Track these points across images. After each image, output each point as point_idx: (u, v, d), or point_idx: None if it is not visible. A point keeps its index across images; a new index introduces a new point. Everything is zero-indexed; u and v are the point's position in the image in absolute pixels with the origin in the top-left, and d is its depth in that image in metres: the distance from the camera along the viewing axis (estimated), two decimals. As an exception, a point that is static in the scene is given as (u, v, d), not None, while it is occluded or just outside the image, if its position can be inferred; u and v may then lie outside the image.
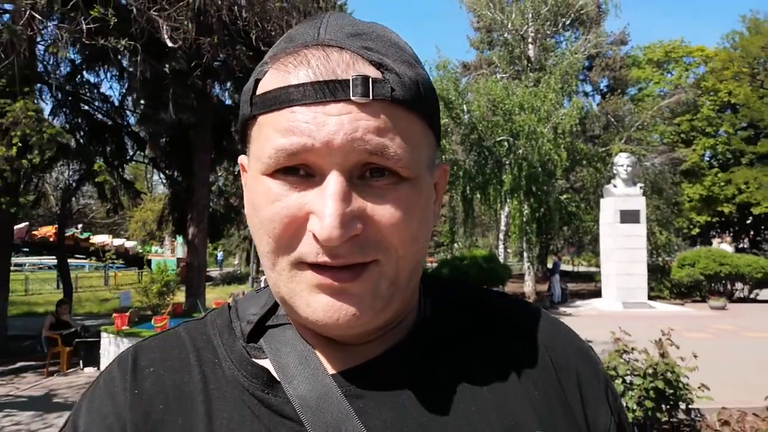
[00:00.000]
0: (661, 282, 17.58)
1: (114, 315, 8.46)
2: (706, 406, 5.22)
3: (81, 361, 8.76)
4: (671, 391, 4.77)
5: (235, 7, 7.68)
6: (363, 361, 0.53)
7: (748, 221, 35.51)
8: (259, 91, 0.48)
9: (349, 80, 0.44)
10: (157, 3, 5.61)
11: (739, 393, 6.39)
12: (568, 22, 21.48)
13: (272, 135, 0.46)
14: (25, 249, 20.62)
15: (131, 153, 14.11)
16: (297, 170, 0.46)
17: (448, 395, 0.52)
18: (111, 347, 8.23)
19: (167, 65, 6.95)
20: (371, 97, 0.44)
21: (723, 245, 21.48)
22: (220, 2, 7.12)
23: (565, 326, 0.62)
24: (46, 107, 10.23)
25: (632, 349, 5.11)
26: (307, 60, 0.46)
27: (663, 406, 4.80)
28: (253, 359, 0.53)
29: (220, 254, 40.97)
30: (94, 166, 8.44)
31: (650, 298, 16.27)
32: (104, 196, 9.51)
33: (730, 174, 29.58)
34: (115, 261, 30.69)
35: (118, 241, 27.52)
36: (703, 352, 5.55)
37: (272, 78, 0.48)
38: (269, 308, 0.57)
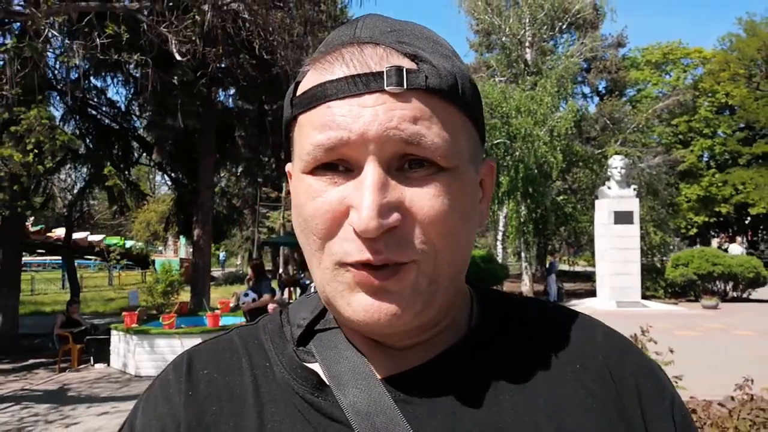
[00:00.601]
0: (656, 282, 17.90)
1: (124, 313, 8.83)
2: (684, 399, 5.58)
3: (92, 358, 9.13)
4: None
5: (239, 19, 8.03)
6: (412, 367, 0.53)
7: (746, 221, 35.81)
8: (298, 93, 0.50)
9: (383, 72, 0.45)
10: (167, 19, 5.95)
11: (718, 387, 6.74)
12: (564, 26, 21.80)
13: (310, 132, 0.47)
14: (41, 250, 20.98)
15: (137, 156, 14.51)
16: (336, 166, 0.47)
17: (499, 403, 0.51)
18: (121, 344, 8.60)
19: (175, 76, 7.31)
20: (405, 87, 0.45)
21: (734, 246, 21.70)
22: (224, 15, 7.46)
23: (627, 340, 0.60)
24: (56, 113, 10.60)
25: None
26: (342, 56, 0.46)
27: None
28: (304, 363, 0.54)
29: (222, 255, 41.34)
30: (104, 171, 8.80)
31: (645, 297, 16.60)
32: (114, 199, 9.87)
33: (727, 175, 29.86)
34: (120, 261, 31.13)
35: (95, 238, 27.78)
36: (691, 349, 5.87)
37: (310, 78, 0.49)
38: (319, 312, 0.57)
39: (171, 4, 6.02)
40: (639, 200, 17.48)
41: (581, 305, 15.83)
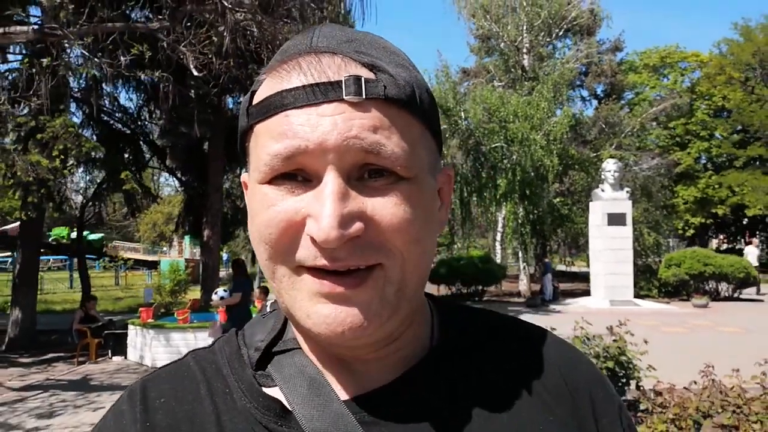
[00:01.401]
0: (650, 281, 18.42)
1: (140, 309, 9.39)
2: (659, 387, 6.10)
3: (110, 351, 9.70)
4: (622, 372, 5.66)
5: (248, 32, 8.59)
6: (376, 387, 0.52)
7: (744, 222, 36.27)
8: (254, 101, 0.48)
9: (341, 81, 0.44)
10: (185, 38, 6.49)
11: (695, 376, 7.26)
12: (561, 33, 22.36)
13: (267, 142, 0.46)
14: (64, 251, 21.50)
15: (147, 159, 15.08)
16: (294, 176, 0.46)
17: (464, 424, 0.51)
18: (138, 338, 9.16)
19: (192, 90, 7.87)
20: (364, 96, 0.44)
21: (750, 248, 22.08)
22: (234, 29, 8.01)
23: (577, 350, 0.62)
24: (75, 120, 11.17)
25: (593, 336, 5.99)
26: (299, 65, 0.46)
27: (616, 384, 5.67)
28: (264, 388, 0.53)
29: (225, 255, 41.91)
30: (122, 175, 9.36)
31: (640, 296, 17.13)
32: (130, 202, 10.44)
33: (722, 177, 30.34)
34: (128, 261, 31.71)
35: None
36: (675, 344, 6.36)
37: (267, 87, 0.47)
38: (276, 333, 0.56)
39: (189, 24, 6.56)
40: (633, 202, 18.02)
41: (575, 304, 16.36)
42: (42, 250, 13.03)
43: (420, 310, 0.56)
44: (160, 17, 7.21)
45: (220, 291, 7.93)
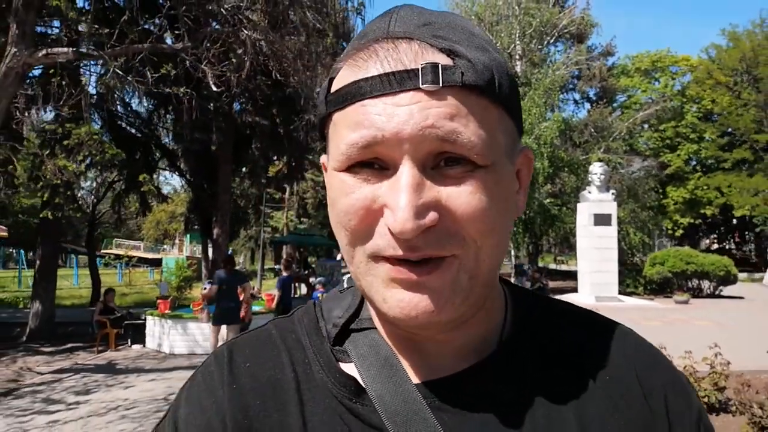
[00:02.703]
0: (636, 279, 19.28)
1: (158, 301, 10.19)
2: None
3: (129, 339, 10.50)
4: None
5: (259, 48, 9.39)
6: (449, 374, 0.53)
7: (734, 222, 37.21)
8: (332, 90, 0.49)
9: (418, 69, 0.44)
10: (206, 57, 7.27)
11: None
12: (552, 40, 23.22)
13: (344, 131, 0.46)
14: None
15: (156, 161, 15.85)
16: (371, 164, 0.46)
17: (530, 417, 0.52)
18: (156, 327, 9.96)
19: (211, 103, 8.65)
20: (441, 84, 0.43)
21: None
22: (247, 45, 8.80)
23: (658, 352, 0.59)
24: (95, 126, 11.94)
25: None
26: (376, 53, 0.46)
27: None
28: (340, 363, 0.55)
29: (229, 251, 42.51)
30: (140, 178, 10.15)
31: (626, 293, 17.99)
32: (146, 203, 11.22)
33: (710, 179, 31.22)
34: (132, 259, 32.46)
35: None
36: (649, 334, 7.14)
37: (344, 75, 0.48)
38: (354, 311, 0.58)
39: (208, 45, 7.34)
40: (620, 203, 18.89)
41: (567, 300, 17.21)
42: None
43: (493, 294, 0.56)
44: (178, 34, 8.01)
45: (206, 283, 8.72)
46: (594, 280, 16.71)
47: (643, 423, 0.54)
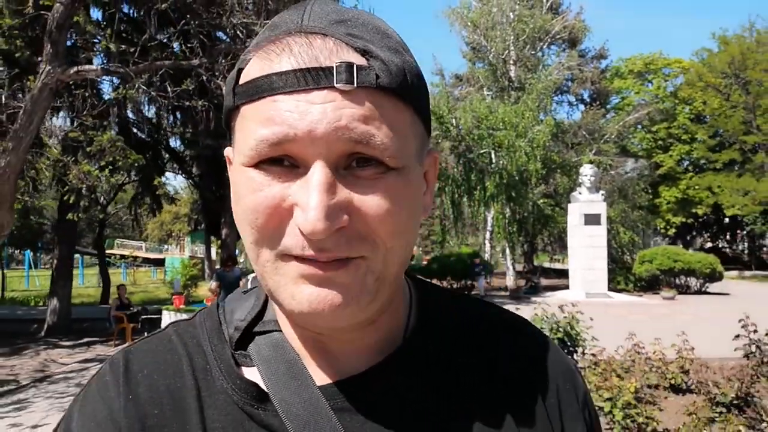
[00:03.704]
0: (627, 276, 20.05)
1: (173, 296, 10.90)
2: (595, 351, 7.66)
3: (146, 333, 11.17)
4: (570, 342, 7.21)
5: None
6: (353, 374, 0.53)
7: (726, 221, 38.02)
8: (241, 81, 0.47)
9: (332, 67, 0.43)
10: (222, 73, 7.98)
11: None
12: (545, 46, 23.99)
13: (254, 125, 0.45)
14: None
15: (164, 164, 16.55)
16: (281, 161, 0.45)
17: (436, 415, 0.53)
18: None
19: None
20: (356, 85, 0.43)
21: None
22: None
23: (548, 339, 0.62)
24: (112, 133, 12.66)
25: (551, 314, 7.53)
26: (289, 47, 0.44)
27: (565, 351, 7.22)
28: (243, 367, 0.54)
29: (236, 250, 43.13)
30: (155, 181, 10.86)
31: (617, 290, 18.78)
32: (160, 205, 11.92)
33: (701, 179, 31.98)
34: (137, 259, 33.16)
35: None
36: (632, 326, 7.86)
37: (255, 67, 0.46)
38: (257, 313, 0.57)
39: (224, 62, 8.05)
40: (611, 203, 19.65)
41: (555, 296, 17.97)
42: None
43: (398, 292, 0.57)
44: (191, 47, 8.73)
45: (213, 281, 9.54)
46: (584, 277, 17.49)
47: (541, 411, 0.56)
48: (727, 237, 41.23)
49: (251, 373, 0.54)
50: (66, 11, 7.35)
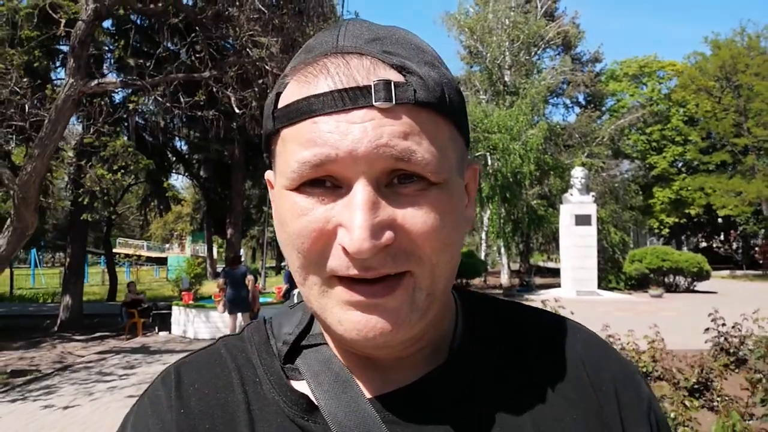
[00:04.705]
0: (618, 275, 20.69)
1: (183, 293, 11.53)
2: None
3: (156, 327, 11.84)
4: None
5: (272, 69, 10.71)
6: (401, 386, 0.53)
7: (719, 222, 38.65)
8: (280, 105, 0.48)
9: (370, 86, 0.44)
10: (230, 85, 8.60)
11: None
12: (540, 51, 24.64)
13: (295, 148, 0.45)
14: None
15: (170, 167, 17.18)
16: (323, 182, 0.45)
17: (485, 424, 0.52)
18: (181, 316, 11.31)
19: (234, 122, 9.97)
20: (394, 102, 0.44)
21: None
22: (262, 71, 10.10)
23: (606, 344, 0.61)
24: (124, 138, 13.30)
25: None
26: (326, 68, 0.45)
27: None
28: (292, 381, 0.54)
29: (241, 250, 43.76)
30: (164, 184, 11.48)
31: (609, 288, 19.41)
32: (168, 206, 12.55)
33: (693, 180, 32.61)
34: (141, 258, 33.78)
35: None
36: (615, 321, 8.48)
37: (293, 90, 0.47)
38: (304, 327, 0.58)
39: (232, 75, 8.67)
40: (603, 204, 20.29)
41: (547, 294, 18.59)
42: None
43: (445, 303, 0.56)
44: (199, 58, 9.37)
45: (220, 278, 10.19)
46: (575, 275, 18.14)
47: (596, 419, 0.54)
48: (721, 237, 41.88)
49: (300, 386, 0.54)
50: (87, 29, 7.99)
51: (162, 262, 38.92)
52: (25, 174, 7.94)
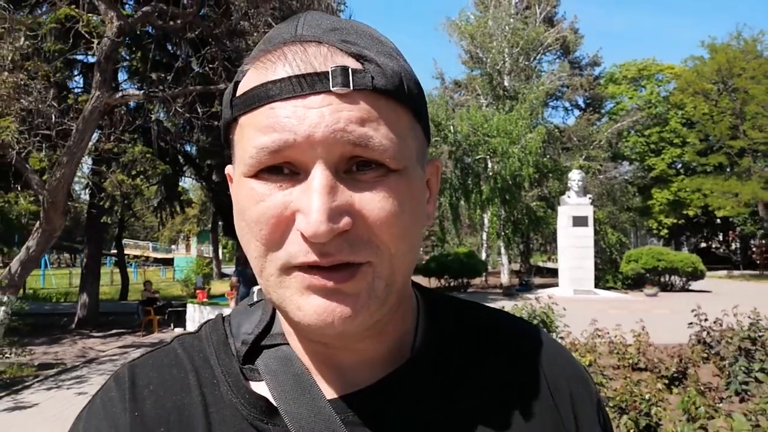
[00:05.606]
0: (615, 275, 21.23)
1: (197, 291, 12.14)
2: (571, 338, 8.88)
3: (172, 323, 12.46)
4: (545, 328, 8.42)
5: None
6: (363, 387, 0.53)
7: (718, 222, 39.11)
8: (238, 93, 0.48)
9: (328, 72, 0.44)
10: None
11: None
12: (539, 56, 25.25)
13: (253, 134, 0.45)
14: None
15: (182, 169, 17.77)
16: (281, 169, 0.45)
17: (446, 426, 0.52)
18: (195, 313, 11.92)
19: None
20: (351, 87, 0.43)
21: None
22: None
23: (560, 346, 0.63)
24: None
25: (530, 304, 8.74)
26: (284, 55, 0.45)
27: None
28: (251, 382, 0.54)
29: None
30: (179, 188, 12.08)
31: (606, 288, 19.95)
32: (182, 209, 13.16)
33: (690, 182, 33.10)
34: (149, 258, 34.46)
35: None
36: (608, 319, 9.07)
37: (251, 77, 0.47)
38: (264, 326, 0.57)
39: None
40: (600, 206, 20.85)
41: (545, 293, 19.15)
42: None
43: (406, 300, 0.56)
44: (212, 68, 9.99)
45: (234, 276, 10.85)
46: (572, 275, 18.72)
47: (552, 418, 0.56)
48: (720, 237, 42.36)
49: (259, 388, 0.53)
50: (113, 45, 8.61)
51: (168, 262, 39.62)
52: (54, 180, 8.56)
